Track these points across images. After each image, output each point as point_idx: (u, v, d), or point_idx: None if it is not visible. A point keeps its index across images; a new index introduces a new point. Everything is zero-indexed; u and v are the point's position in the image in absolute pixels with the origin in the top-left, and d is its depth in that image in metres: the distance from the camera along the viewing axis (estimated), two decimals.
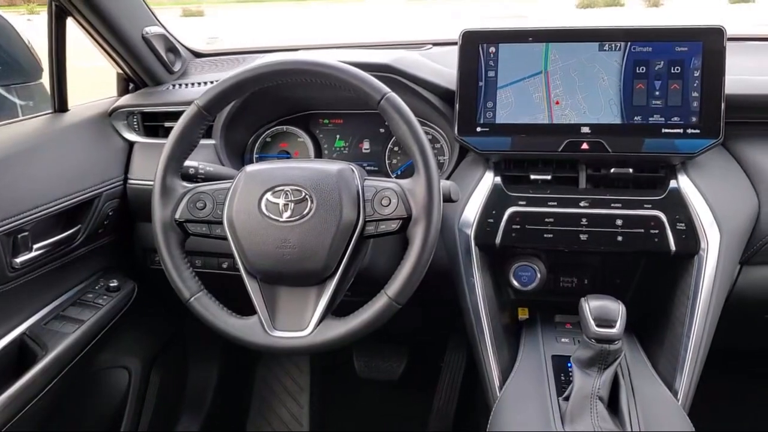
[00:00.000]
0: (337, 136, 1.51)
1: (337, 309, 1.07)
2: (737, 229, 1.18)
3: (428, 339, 1.97)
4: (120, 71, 1.53)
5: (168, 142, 1.08)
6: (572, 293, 1.29)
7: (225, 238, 1.06)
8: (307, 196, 1.03)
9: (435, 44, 1.61)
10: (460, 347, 1.89)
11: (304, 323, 1.04)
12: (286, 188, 1.04)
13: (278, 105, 1.48)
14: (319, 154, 1.50)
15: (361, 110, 1.46)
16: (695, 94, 1.15)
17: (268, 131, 1.51)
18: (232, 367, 1.99)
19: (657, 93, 1.16)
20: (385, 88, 1.04)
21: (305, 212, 1.02)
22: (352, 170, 1.08)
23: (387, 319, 1.02)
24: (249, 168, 1.09)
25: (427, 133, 1.40)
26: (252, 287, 1.06)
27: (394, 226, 1.04)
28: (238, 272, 1.06)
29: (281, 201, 1.04)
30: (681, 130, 1.15)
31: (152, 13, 1.49)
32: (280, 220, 1.03)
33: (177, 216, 1.08)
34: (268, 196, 1.04)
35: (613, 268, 1.34)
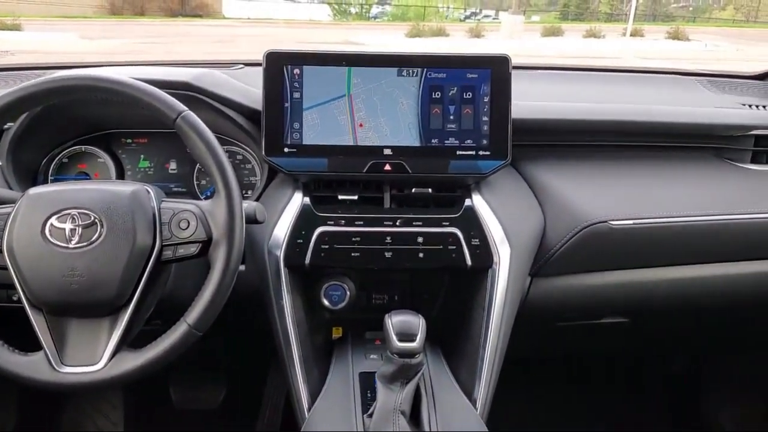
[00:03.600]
0: (142, 156, 1.43)
1: (140, 340, 1.01)
2: (526, 243, 1.28)
3: (248, 363, 1.92)
4: None
5: None
6: (384, 310, 1.32)
7: (5, 268, 0.96)
8: (96, 220, 0.97)
9: (247, 64, 1.59)
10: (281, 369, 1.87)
11: (96, 357, 0.97)
12: (73, 212, 0.97)
13: (74, 124, 1.37)
14: (121, 176, 1.41)
15: (168, 129, 1.40)
16: (485, 119, 1.23)
17: (65, 152, 1.40)
18: (34, 414, 1.80)
19: (451, 117, 1.22)
20: (181, 106, 1.00)
21: (94, 238, 0.96)
22: (148, 191, 1.03)
23: (187, 348, 0.98)
24: (32, 191, 1.00)
25: (237, 153, 1.38)
26: (37, 320, 0.97)
27: (193, 249, 1.00)
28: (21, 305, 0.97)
29: (68, 226, 0.96)
30: (473, 152, 1.22)
31: None
32: (68, 246, 0.95)
33: None
34: (53, 221, 0.96)
35: (421, 284, 1.39)
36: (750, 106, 1.52)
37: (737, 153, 1.47)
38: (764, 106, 1.52)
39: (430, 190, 1.26)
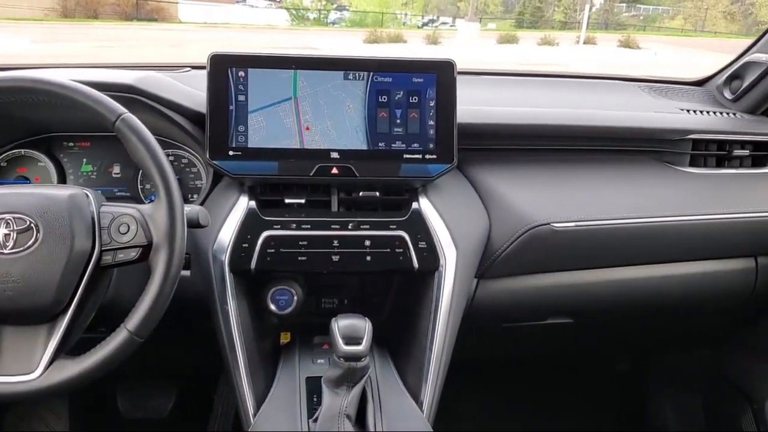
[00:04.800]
0: (84, 160, 1.40)
1: (83, 348, 0.98)
2: (472, 246, 1.29)
3: (198, 370, 1.89)
4: None
5: None
6: (333, 314, 1.32)
7: None
8: (32, 225, 0.94)
9: (194, 67, 1.57)
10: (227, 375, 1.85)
11: (32, 365, 0.94)
12: (8, 217, 0.94)
13: (13, 126, 1.34)
14: (63, 180, 1.38)
15: (108, 132, 1.38)
16: (431, 123, 1.23)
17: (3, 155, 1.36)
18: None
19: (398, 121, 1.23)
20: (121, 109, 0.98)
21: (30, 243, 0.93)
22: (87, 195, 1.00)
23: (128, 355, 0.96)
24: None
25: (183, 157, 1.36)
26: None
27: (133, 254, 0.98)
28: None
29: (2, 231, 0.94)
30: (420, 156, 1.23)
31: None
32: (3, 252, 0.92)
33: None
34: None
35: (371, 287, 1.39)
36: (689, 111, 1.57)
37: (676, 156, 1.51)
38: (702, 111, 1.57)
39: (377, 193, 1.26)
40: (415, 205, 1.25)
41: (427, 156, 1.23)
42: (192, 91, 1.31)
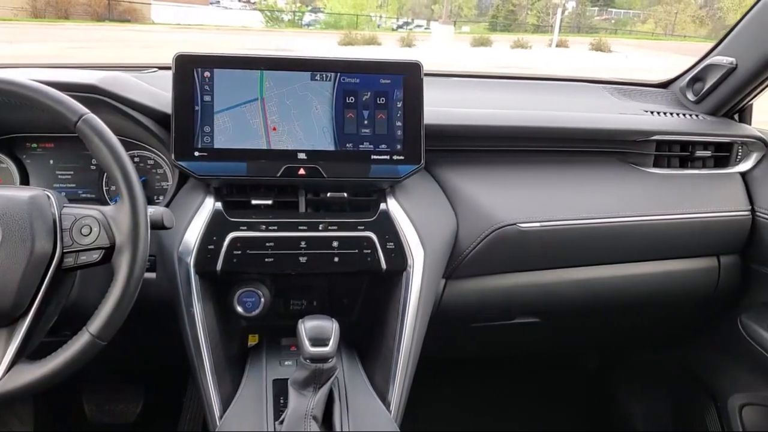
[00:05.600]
0: (49, 162, 1.38)
1: (47, 352, 0.96)
2: (439, 246, 1.30)
3: (166, 374, 1.87)
4: None
5: None
6: (302, 316, 1.32)
7: None
8: None
9: (161, 68, 1.56)
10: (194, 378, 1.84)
11: None
12: None
13: None
14: (26, 182, 1.35)
15: (73, 133, 1.36)
16: (399, 124, 1.24)
17: None
18: None
19: (366, 122, 1.23)
20: (83, 109, 0.97)
21: None
22: (48, 197, 0.99)
23: (90, 358, 0.94)
24: None
25: (149, 158, 1.35)
26: None
27: (96, 256, 0.96)
28: None
29: None
30: (388, 157, 1.23)
31: None
32: None
33: None
34: None
35: (340, 288, 1.39)
36: (652, 112, 1.59)
37: (640, 157, 1.53)
38: (666, 113, 1.60)
39: (345, 194, 1.26)
40: (383, 206, 1.25)
41: (395, 157, 1.23)
42: (157, 92, 1.29)
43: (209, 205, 1.22)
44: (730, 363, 1.70)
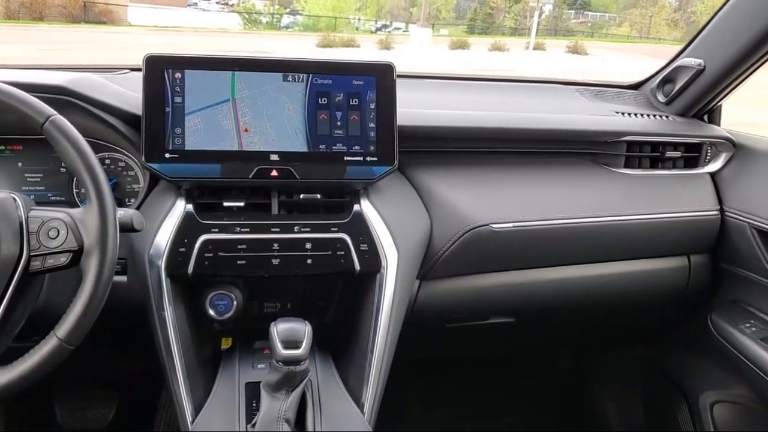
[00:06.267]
0: (18, 164, 1.36)
1: (12, 356, 0.95)
2: (413, 247, 1.30)
3: (140, 379, 1.85)
4: None
5: None
6: (277, 318, 1.31)
7: None
8: None
9: (132, 69, 1.54)
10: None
11: None
12: None
13: None
14: None
15: (41, 135, 1.34)
16: (372, 125, 1.23)
17: None
18: None
19: (339, 123, 1.23)
20: (50, 110, 0.96)
21: None
22: (15, 199, 0.97)
23: (58, 363, 0.93)
24: None
25: (119, 160, 1.33)
26: None
27: (63, 259, 0.95)
28: None
29: None
30: (361, 158, 1.23)
31: None
32: None
33: None
34: None
35: (314, 290, 1.38)
36: (623, 113, 1.61)
37: (611, 158, 1.55)
38: (636, 114, 1.62)
39: (318, 195, 1.26)
40: (356, 207, 1.25)
41: (368, 158, 1.23)
42: (127, 93, 1.28)
43: (180, 207, 1.20)
44: (701, 361, 1.73)
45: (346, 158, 1.23)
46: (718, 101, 1.65)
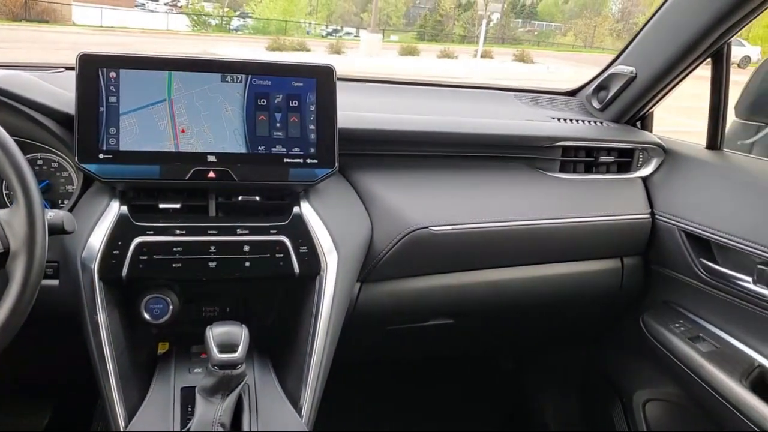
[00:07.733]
0: None
1: None
2: (353, 250, 1.30)
3: (74, 384, 1.80)
4: None
5: None
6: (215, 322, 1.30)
7: None
8: None
9: (68, 68, 1.50)
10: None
11: None
12: None
13: None
14: None
15: None
16: (312, 127, 1.23)
17: None
18: None
19: (278, 125, 1.22)
20: None
21: None
22: None
23: None
24: None
25: (52, 161, 1.30)
26: None
27: None
28: None
29: None
30: (301, 160, 1.22)
31: None
32: None
33: None
34: None
35: (254, 293, 1.37)
36: (559, 119, 1.65)
37: (547, 163, 1.59)
38: (572, 120, 1.66)
39: (257, 197, 1.25)
40: (296, 209, 1.25)
41: (308, 160, 1.23)
42: (60, 92, 1.25)
43: (114, 209, 1.18)
44: (634, 360, 1.78)
45: (285, 160, 1.22)
46: (650, 108, 1.71)
